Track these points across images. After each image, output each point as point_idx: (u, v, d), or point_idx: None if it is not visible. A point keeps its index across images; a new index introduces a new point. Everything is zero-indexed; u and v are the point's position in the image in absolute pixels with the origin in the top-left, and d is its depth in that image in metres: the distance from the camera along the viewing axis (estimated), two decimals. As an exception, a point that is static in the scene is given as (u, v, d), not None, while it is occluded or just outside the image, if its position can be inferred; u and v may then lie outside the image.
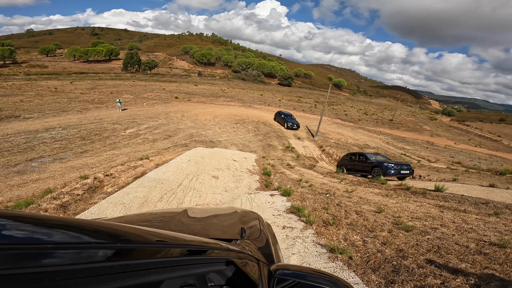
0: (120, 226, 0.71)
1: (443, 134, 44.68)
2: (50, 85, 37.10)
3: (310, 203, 5.19)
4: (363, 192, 6.66)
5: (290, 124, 23.01)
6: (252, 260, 1.00)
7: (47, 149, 12.59)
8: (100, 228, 0.64)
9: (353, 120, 39.60)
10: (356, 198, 5.85)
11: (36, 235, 0.47)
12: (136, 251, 0.60)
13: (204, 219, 1.81)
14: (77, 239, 0.52)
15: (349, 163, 12.49)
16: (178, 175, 6.41)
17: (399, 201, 5.89)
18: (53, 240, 0.47)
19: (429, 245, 3.28)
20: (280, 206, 4.99)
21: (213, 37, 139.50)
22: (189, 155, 8.69)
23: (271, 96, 50.58)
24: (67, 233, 0.53)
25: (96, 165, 10.18)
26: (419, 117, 61.84)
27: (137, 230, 0.72)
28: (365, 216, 4.49)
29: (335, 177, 9.85)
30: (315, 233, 3.71)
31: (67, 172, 9.47)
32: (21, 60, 72.08)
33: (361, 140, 24.22)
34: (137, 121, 18.79)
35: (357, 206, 5.17)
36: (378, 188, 7.49)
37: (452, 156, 26.95)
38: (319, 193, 6.31)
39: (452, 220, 4.51)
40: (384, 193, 6.72)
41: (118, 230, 0.66)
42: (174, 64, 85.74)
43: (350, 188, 7.12)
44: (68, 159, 11.31)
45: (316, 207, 4.94)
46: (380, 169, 10.13)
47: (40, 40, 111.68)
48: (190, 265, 0.72)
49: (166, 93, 35.45)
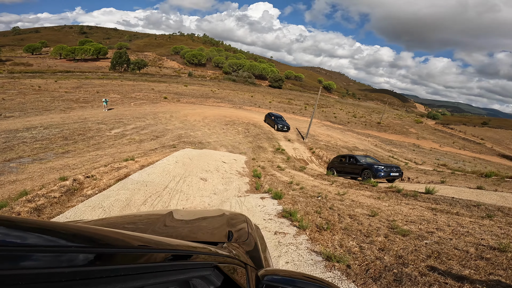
0: (100, 230, 0.69)
1: (428, 137, 45.70)
2: (34, 83, 35.79)
3: (302, 206, 5.00)
4: (355, 195, 6.53)
5: (280, 126, 22.92)
6: (240, 265, 0.97)
7: (26, 149, 12.02)
8: (79, 231, 0.61)
9: (342, 122, 39.96)
10: (349, 201, 5.70)
11: (9, 238, 0.45)
12: (117, 256, 0.57)
13: (190, 221, 1.75)
14: (52, 242, 0.50)
15: (339, 165, 12.42)
16: (164, 177, 6.09)
17: (391, 204, 5.78)
18: (28, 243, 0.46)
19: (428, 251, 3.14)
20: (271, 210, 4.77)
21: (205, 37, 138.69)
22: (176, 156, 8.35)
23: (261, 97, 50.52)
24: (42, 236, 0.51)
25: (78, 166, 9.71)
26: (405, 120, 63.06)
27: (118, 234, 0.69)
28: (359, 220, 4.33)
29: (326, 179, 9.73)
30: (309, 239, 3.50)
31: (47, 173, 9.02)
32: (5, 58, 69.44)
33: (350, 143, 24.37)
34: (124, 121, 18.24)
35: (350, 210, 5.01)
36: (369, 190, 7.39)
37: (437, 158, 27.50)
38: (310, 196, 6.13)
39: (447, 223, 4.40)
40: (375, 195, 6.62)
41: (97, 234, 0.63)
42: (164, 64, 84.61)
43: (341, 191, 6.99)
44: (48, 160, 10.78)
45: (308, 211, 4.75)
46: (370, 172, 10.08)
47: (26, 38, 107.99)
48: (173, 270, 0.69)
49: (154, 93, 34.78)
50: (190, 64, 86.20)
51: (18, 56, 74.20)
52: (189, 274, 0.74)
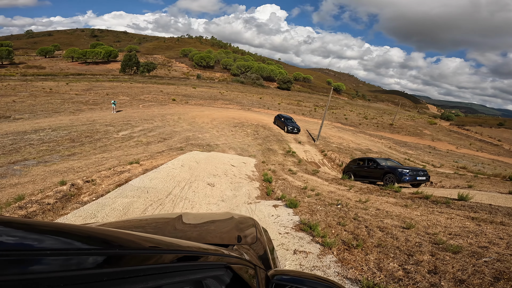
0: (113, 232, 0.68)
1: (444, 138, 44.21)
2: (46, 86, 36.28)
3: (322, 216, 4.41)
4: (378, 202, 5.87)
5: (290, 128, 22.28)
6: (249, 266, 0.99)
7: (33, 151, 11.83)
8: (93, 233, 0.61)
9: (353, 124, 38.99)
10: (373, 210, 5.07)
11: (26, 241, 0.46)
12: (131, 257, 0.58)
13: (200, 224, 1.76)
14: (67, 245, 0.50)
15: (357, 169, 11.64)
16: (168, 183, 5.59)
17: (423, 212, 5.11)
18: (43, 247, 0.45)
19: (493, 271, 2.51)
20: (287, 221, 4.20)
21: (213, 40, 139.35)
22: (182, 160, 7.86)
23: (270, 99, 49.98)
24: (58, 239, 0.51)
25: (83, 169, 9.39)
26: (418, 121, 61.47)
27: (131, 236, 0.69)
28: (393, 234, 3.71)
29: (342, 184, 9.06)
30: (338, 261, 2.92)
31: (50, 176, 8.71)
32: (19, 61, 71.20)
33: (363, 145, 23.53)
34: (132, 123, 17.99)
35: (378, 220, 4.38)
36: (393, 196, 6.72)
37: (455, 161, 26.32)
38: (329, 203, 5.53)
39: (497, 235, 3.74)
40: (401, 203, 5.95)
41: (111, 236, 0.63)
42: (173, 66, 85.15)
43: (362, 198, 6.34)
44: (53, 162, 10.51)
45: (330, 222, 4.15)
46: (393, 176, 9.24)
47: (39, 41, 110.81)
48: (187, 270, 0.70)
49: (163, 95, 34.71)
50: (199, 67, 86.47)
51: (31, 59, 75.98)
52: (203, 274, 0.75)
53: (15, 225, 0.50)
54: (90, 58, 77.12)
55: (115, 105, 21.99)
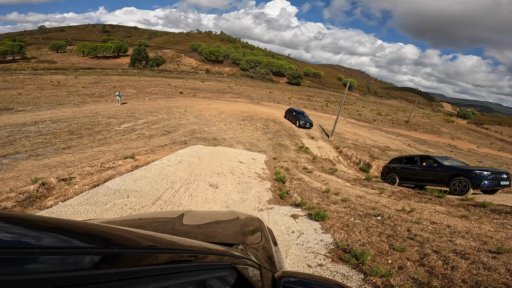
0: (116, 230, 0.64)
1: (463, 137, 42.04)
2: (54, 79, 36.02)
3: (363, 236, 3.23)
4: (426, 212, 4.61)
5: (302, 122, 21.00)
6: (254, 266, 0.98)
7: (27, 144, 11.06)
8: (89, 230, 0.57)
9: (367, 120, 37.28)
10: (427, 223, 3.86)
11: (24, 238, 0.43)
12: (131, 257, 0.54)
13: (204, 223, 1.70)
14: (62, 243, 0.47)
15: (405, 171, 9.30)
16: (159, 184, 4.49)
17: (495, 227, 3.85)
18: (41, 244, 0.42)
19: None
20: (316, 243, 3.04)
21: (222, 35, 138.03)
22: (181, 155, 6.74)
23: (280, 94, 48.58)
24: (52, 235, 0.48)
25: (75, 163, 8.49)
26: (434, 119, 59.07)
27: (131, 234, 0.66)
28: (485, 264, 2.52)
29: (368, 186, 7.78)
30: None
31: (37, 171, 7.84)
32: (31, 55, 71.93)
33: (380, 142, 22.04)
34: (135, 116, 17.12)
35: (447, 241, 3.17)
36: (438, 204, 5.44)
37: (479, 160, 24.51)
38: (364, 214, 4.33)
39: None
40: (454, 212, 4.69)
41: (110, 234, 0.59)
42: (182, 61, 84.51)
43: (402, 205, 5.06)
44: (45, 156, 9.67)
45: (379, 246, 2.96)
46: (467, 180, 7.09)
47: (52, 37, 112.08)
48: (191, 271, 0.66)
49: (171, 88, 33.86)
50: (208, 61, 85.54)
51: (43, 54, 76.69)
52: (208, 275, 0.73)
53: (14, 221, 0.46)
54: (101, 52, 77.28)
55: (120, 97, 21.20)
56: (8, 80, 33.62)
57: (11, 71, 45.96)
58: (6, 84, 30.22)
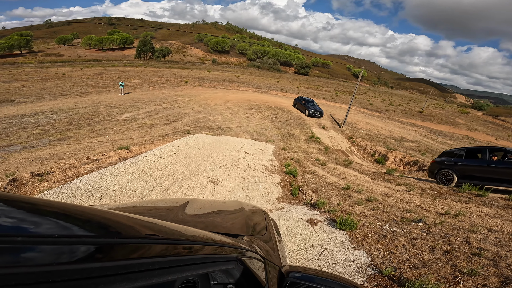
0: (117, 216, 0.58)
1: (480, 129, 40.18)
2: (59, 71, 35.67)
3: (409, 251, 2.39)
4: (475, 215, 3.69)
5: (312, 111, 19.98)
6: (259, 259, 0.95)
7: (23, 135, 10.54)
8: (86, 216, 0.50)
9: (380, 110, 35.84)
10: (485, 231, 2.98)
11: (24, 224, 0.38)
12: (131, 248, 0.49)
13: (208, 212, 1.65)
14: (57, 230, 0.41)
15: (467, 167, 7.19)
16: (144, 181, 3.67)
17: None
18: (40, 233, 0.37)
19: None
20: (346, 265, 2.22)
21: (228, 25, 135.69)
22: (178, 145, 5.89)
23: (288, 83, 47.26)
24: (58, 222, 0.43)
25: (69, 155, 7.88)
26: (448, 110, 56.87)
27: (132, 221, 0.60)
28: None
29: (390, 180, 6.82)
30: None
31: (27, 164, 7.29)
32: (38, 49, 72.00)
33: (395, 132, 20.87)
34: (138, 105, 16.45)
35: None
36: (483, 204, 4.47)
37: (500, 152, 23.11)
38: (400, 218, 3.45)
39: None
40: (506, 215, 3.77)
41: (110, 220, 0.53)
42: (188, 52, 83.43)
43: (447, 208, 4.10)
44: (39, 148, 9.10)
45: (438, 270, 2.11)
46: None
47: (59, 30, 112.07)
48: (197, 264, 0.62)
49: (176, 78, 33.09)
50: (214, 52, 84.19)
51: (50, 48, 76.75)
52: (214, 267, 0.70)
53: (16, 204, 0.40)
54: (107, 45, 76.84)
55: (123, 86, 20.55)
56: (13, 73, 33.41)
57: (17, 64, 45.89)
58: (11, 77, 29.99)
